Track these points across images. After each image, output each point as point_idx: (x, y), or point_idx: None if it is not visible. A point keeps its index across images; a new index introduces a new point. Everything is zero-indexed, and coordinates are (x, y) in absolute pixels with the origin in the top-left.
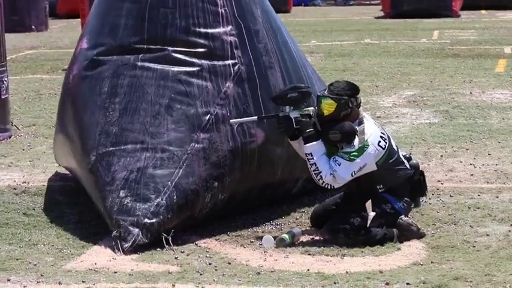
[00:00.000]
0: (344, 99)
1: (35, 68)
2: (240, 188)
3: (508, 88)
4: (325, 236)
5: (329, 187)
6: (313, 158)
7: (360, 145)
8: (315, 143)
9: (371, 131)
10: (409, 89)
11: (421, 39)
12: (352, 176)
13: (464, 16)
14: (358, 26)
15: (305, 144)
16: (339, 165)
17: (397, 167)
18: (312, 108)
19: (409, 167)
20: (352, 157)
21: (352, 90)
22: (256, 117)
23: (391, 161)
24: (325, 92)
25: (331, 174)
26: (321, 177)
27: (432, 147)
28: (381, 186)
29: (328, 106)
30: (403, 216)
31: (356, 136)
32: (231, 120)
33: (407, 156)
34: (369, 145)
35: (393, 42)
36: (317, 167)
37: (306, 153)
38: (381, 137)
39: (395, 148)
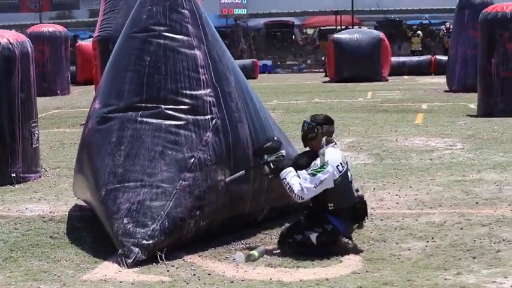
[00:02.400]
0: (312, 125)
1: (59, 123)
2: (217, 216)
3: (424, 136)
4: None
5: (300, 199)
6: (285, 179)
7: (321, 164)
8: (286, 169)
9: (333, 156)
10: (349, 137)
11: (358, 98)
12: (315, 187)
13: (391, 80)
14: (309, 88)
15: (281, 173)
16: (305, 180)
17: (348, 192)
18: (284, 151)
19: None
20: (314, 172)
21: (323, 120)
22: (243, 171)
23: (344, 183)
24: (308, 120)
25: (300, 187)
26: (293, 191)
27: (367, 182)
28: (332, 205)
29: (304, 128)
30: (343, 237)
31: (318, 158)
32: (226, 180)
33: (355, 188)
34: (328, 165)
35: (337, 101)
36: (290, 185)
37: (281, 178)
38: (340, 163)
39: (350, 179)
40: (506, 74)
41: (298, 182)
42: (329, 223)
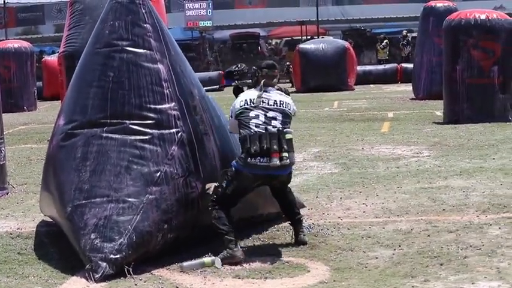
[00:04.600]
0: (254, 69)
1: (26, 139)
2: (184, 229)
3: (390, 144)
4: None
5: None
6: None
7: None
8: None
9: (243, 95)
10: (316, 147)
11: (324, 108)
12: (230, 118)
13: (357, 89)
14: None
15: None
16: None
17: (245, 123)
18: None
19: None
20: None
21: (264, 65)
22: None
23: (242, 115)
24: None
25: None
26: None
27: (334, 192)
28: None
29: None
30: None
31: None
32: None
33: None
34: (236, 101)
35: (303, 111)
36: None
37: None
38: (245, 100)
39: (252, 117)
40: (471, 80)
41: None
42: (231, 166)
